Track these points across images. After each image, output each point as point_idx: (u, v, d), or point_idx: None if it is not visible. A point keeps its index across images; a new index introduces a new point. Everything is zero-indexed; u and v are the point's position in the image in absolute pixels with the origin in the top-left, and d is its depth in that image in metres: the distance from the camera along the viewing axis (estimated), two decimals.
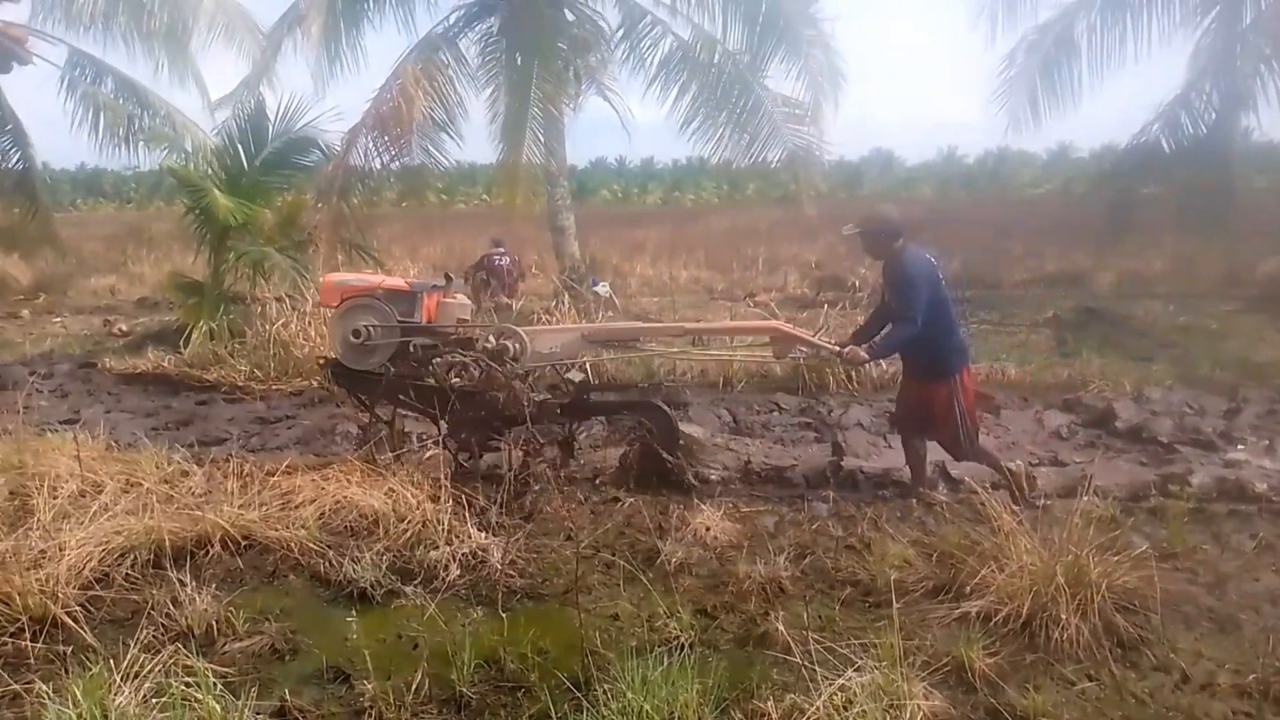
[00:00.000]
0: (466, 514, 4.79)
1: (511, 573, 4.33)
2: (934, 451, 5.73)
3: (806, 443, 7.15)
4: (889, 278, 5.51)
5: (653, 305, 14.52)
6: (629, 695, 2.94)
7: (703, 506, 5.05)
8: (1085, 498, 4.75)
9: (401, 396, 5.71)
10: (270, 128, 11.29)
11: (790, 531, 5.05)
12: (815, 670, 3.13)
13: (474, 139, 16.18)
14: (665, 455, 5.65)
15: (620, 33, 13.89)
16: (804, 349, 5.72)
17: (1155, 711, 3.23)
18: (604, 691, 3.04)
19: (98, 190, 52.33)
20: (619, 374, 9.11)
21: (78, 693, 2.86)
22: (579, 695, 3.10)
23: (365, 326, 5.57)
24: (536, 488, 5.41)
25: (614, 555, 4.52)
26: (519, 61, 12.78)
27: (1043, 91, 15.73)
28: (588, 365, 6.34)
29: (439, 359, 5.58)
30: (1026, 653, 3.56)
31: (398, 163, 13.00)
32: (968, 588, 3.98)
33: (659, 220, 33.39)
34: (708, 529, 4.82)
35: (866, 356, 5.53)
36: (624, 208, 50.08)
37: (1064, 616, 3.62)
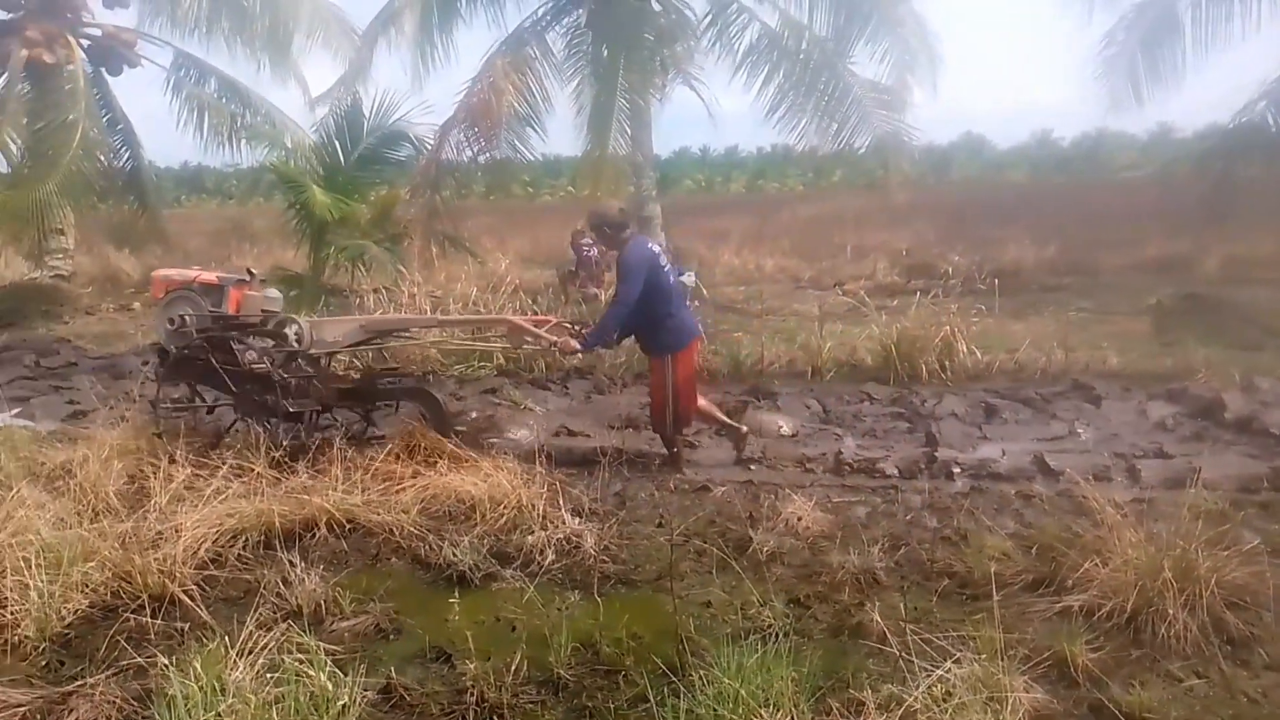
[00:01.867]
0: (561, 500, 4.88)
1: (605, 558, 4.40)
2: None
3: (899, 433, 7.07)
4: (616, 266, 5.98)
5: (739, 294, 14.46)
6: (725, 681, 2.97)
7: (794, 496, 5.04)
8: (1193, 490, 4.60)
9: (207, 376, 6.17)
10: (365, 124, 11.62)
11: (883, 523, 5.01)
12: (913, 661, 3.11)
13: (559, 132, 16.33)
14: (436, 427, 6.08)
15: (707, 20, 13.85)
16: (530, 340, 6.08)
17: (1268, 711, 3.12)
18: (699, 677, 3.07)
19: (200, 187, 54.24)
20: (705, 363, 9.15)
21: (198, 667, 3.00)
22: (674, 680, 3.14)
23: (181, 315, 6.18)
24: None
25: (705, 543, 4.55)
26: (605, 53, 12.86)
27: (1144, 70, 15.11)
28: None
29: (238, 345, 6.08)
30: (1131, 649, 3.48)
31: (486, 156, 13.23)
32: (1069, 581, 3.91)
33: (743, 209, 33.15)
34: (799, 519, 4.81)
35: (578, 346, 6.01)
36: (707, 197, 49.89)
37: (1171, 612, 3.52)
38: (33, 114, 13.92)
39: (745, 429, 6.41)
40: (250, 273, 6.71)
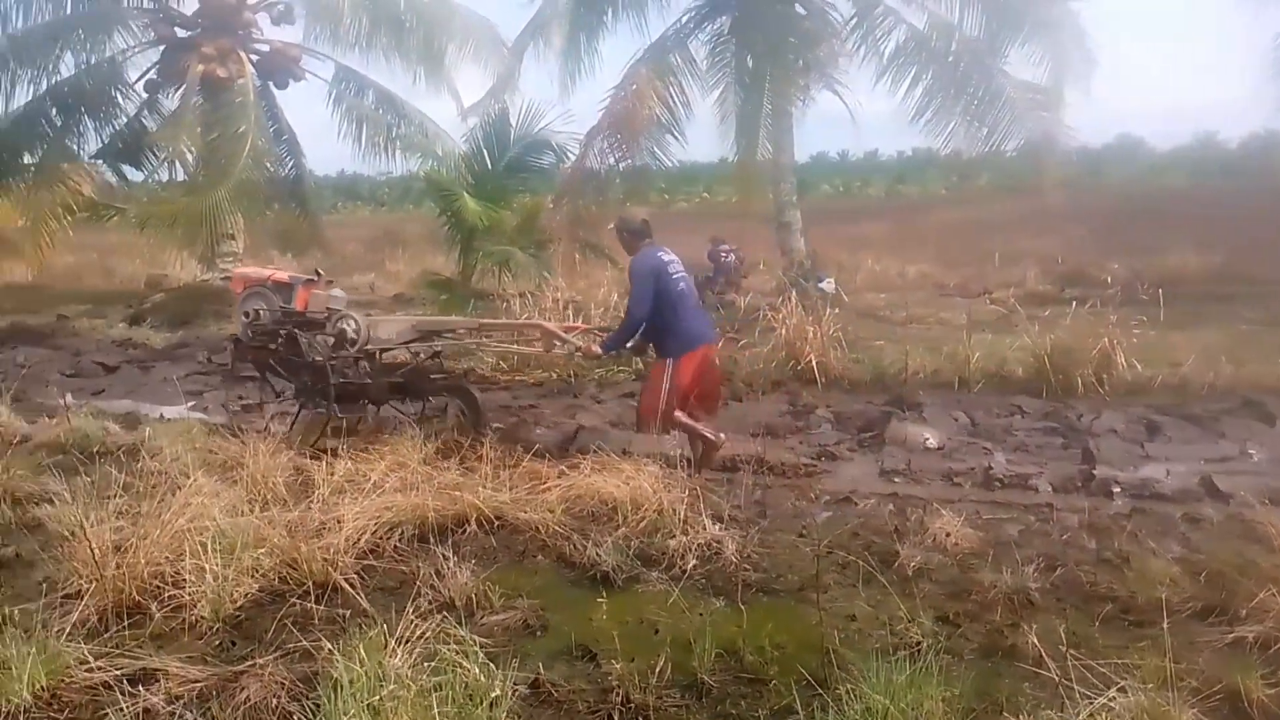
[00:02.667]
0: (701, 506, 4.89)
1: (747, 566, 4.39)
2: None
3: (1052, 449, 6.77)
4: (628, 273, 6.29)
5: (880, 302, 14.17)
6: (874, 697, 2.91)
7: (942, 511, 4.91)
8: None
9: (275, 365, 6.81)
10: (511, 133, 11.94)
11: (1037, 541, 4.82)
12: (1072, 688, 2.98)
13: (695, 138, 16.50)
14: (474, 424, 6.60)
15: (852, 23, 13.65)
16: (559, 343, 6.44)
17: None
18: (846, 692, 3.02)
19: (355, 195, 56.76)
20: (846, 372, 9.04)
21: (362, 653, 3.14)
22: (820, 692, 3.10)
23: (255, 309, 6.80)
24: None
25: (849, 555, 4.48)
26: (750, 59, 12.84)
27: None
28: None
29: (303, 338, 6.60)
30: None
31: (627, 163, 13.40)
32: (1242, 611, 3.68)
33: (883, 214, 32.48)
34: (948, 534, 4.67)
35: (599, 351, 6.36)
36: (846, 201, 49.01)
37: None
38: (206, 125, 14.88)
39: (721, 439, 6.26)
40: (318, 273, 7.25)
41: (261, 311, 6.81)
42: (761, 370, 9.27)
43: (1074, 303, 9.74)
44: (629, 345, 6.38)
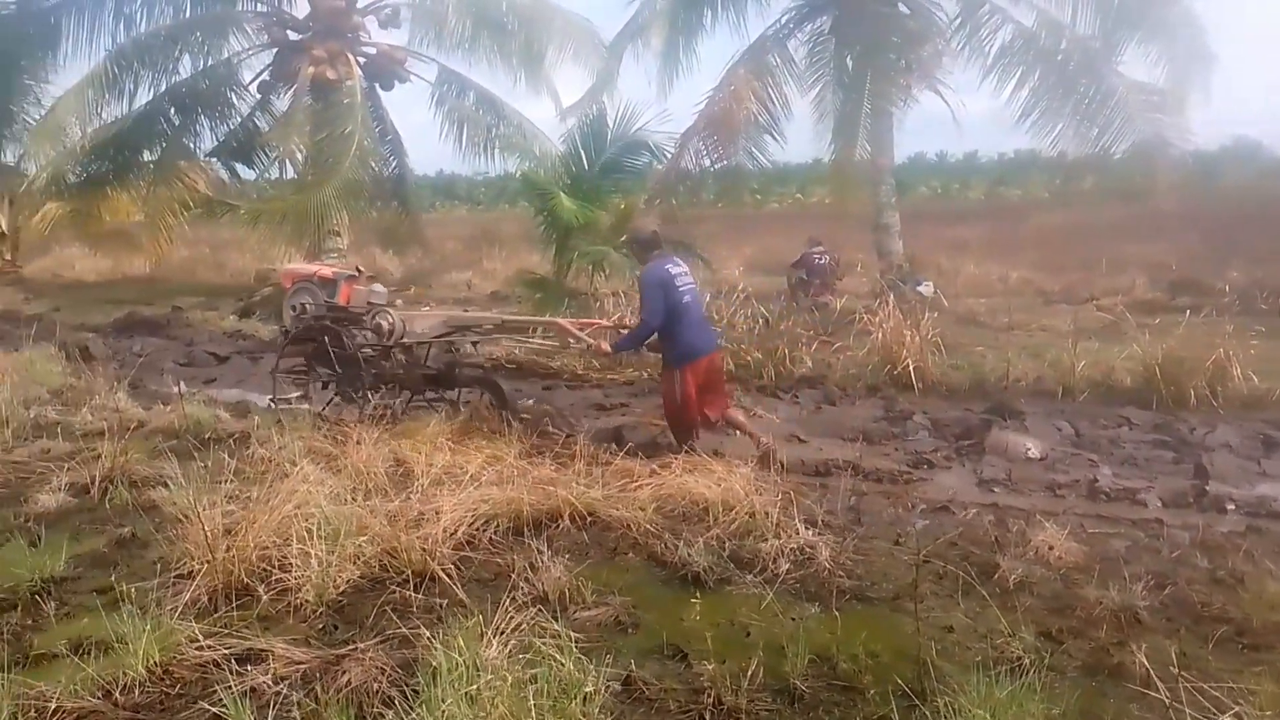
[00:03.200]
0: (794, 510, 4.85)
1: (840, 572, 4.33)
2: None
3: (1162, 463, 6.51)
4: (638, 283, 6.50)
5: (980, 307, 13.80)
6: (974, 712, 2.84)
7: (1045, 524, 4.76)
8: None
9: (317, 355, 7.17)
10: (608, 134, 12.04)
11: (1145, 558, 4.64)
12: (1183, 710, 2.86)
13: (788, 138, 16.26)
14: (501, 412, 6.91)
15: (957, 23, 13.34)
16: (573, 340, 6.71)
17: None
18: (944, 704, 2.96)
19: (453, 194, 57.99)
20: (944, 378, 8.86)
21: (461, 642, 3.20)
22: (916, 704, 3.04)
23: (302, 303, 7.21)
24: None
25: (947, 565, 4.38)
26: (849, 59, 12.68)
27: None
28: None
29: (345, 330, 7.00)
30: None
31: (723, 163, 13.37)
32: None
33: (982, 217, 31.68)
34: (1050, 548, 4.53)
35: (609, 350, 6.63)
36: (944, 204, 47.99)
37: None
38: (315, 126, 15.39)
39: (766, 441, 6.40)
40: (359, 270, 7.67)
41: (308, 305, 7.22)
42: (856, 374, 9.14)
43: (1187, 311, 9.36)
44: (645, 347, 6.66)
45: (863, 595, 4.16)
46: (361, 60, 17.09)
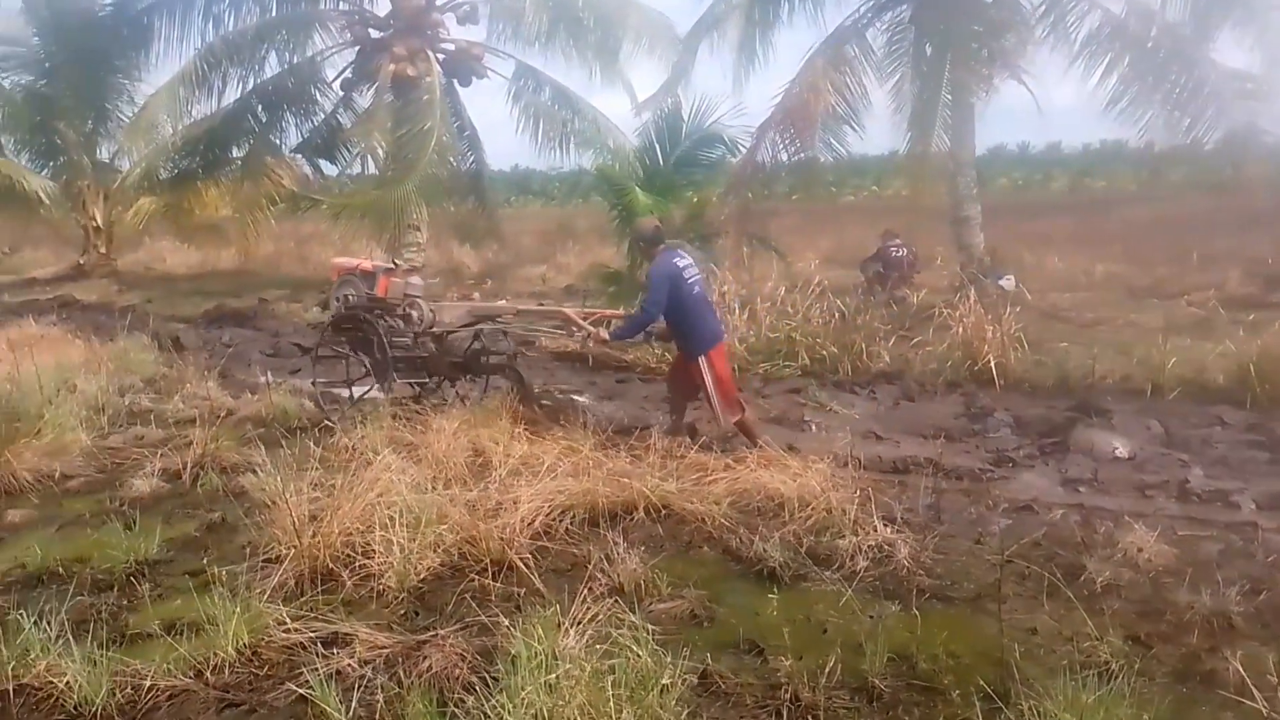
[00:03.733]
0: (872, 507, 4.79)
1: (920, 571, 4.26)
2: None
3: (1257, 464, 6.26)
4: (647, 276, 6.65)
5: (1065, 301, 13.40)
6: (1060, 716, 2.78)
7: (1134, 525, 4.62)
8: None
9: (355, 342, 7.72)
10: (683, 127, 12.02)
11: (1239, 562, 4.47)
12: None
13: (866, 130, 15.92)
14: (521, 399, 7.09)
15: (1041, 10, 12.98)
16: (575, 329, 6.87)
17: None
18: (1028, 708, 2.90)
19: (527, 189, 58.46)
20: (1027, 374, 8.66)
21: (540, 631, 3.23)
22: (1000, 706, 2.98)
23: (345, 294, 7.76)
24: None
25: (1030, 566, 4.27)
26: (929, 49, 12.43)
27: None
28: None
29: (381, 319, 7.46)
30: None
31: (799, 156, 13.23)
32: None
33: (1066, 210, 30.77)
34: (1139, 550, 4.40)
35: (606, 337, 6.70)
36: (1026, 196, 46.69)
37: None
38: (396, 122, 15.66)
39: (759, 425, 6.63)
40: (395, 263, 8.25)
41: (350, 296, 7.73)
42: (936, 370, 8.98)
43: None
44: (652, 336, 6.99)
45: (943, 595, 4.10)
46: (440, 57, 17.32)
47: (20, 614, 3.64)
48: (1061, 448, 6.63)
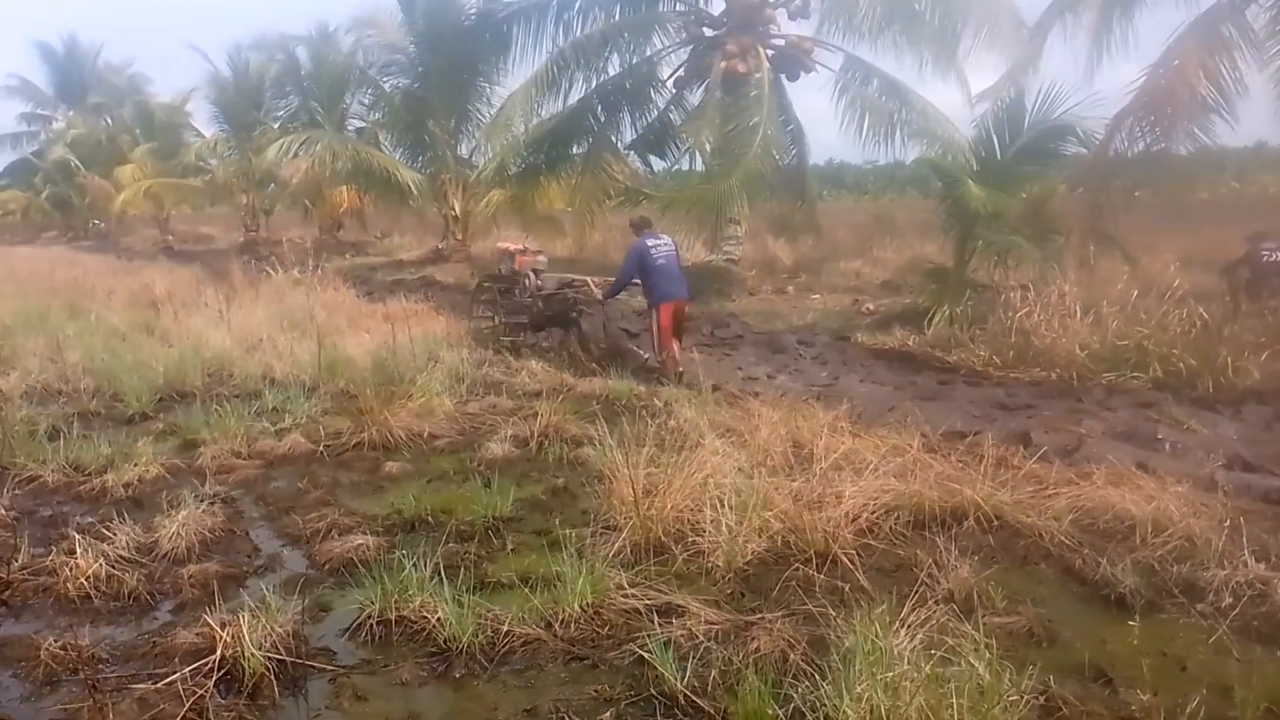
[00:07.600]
0: (1243, 539, 4.28)
1: None
2: None
3: None
4: None
5: None
6: None
7: None
8: None
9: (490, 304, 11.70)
10: (1026, 117, 11.32)
11: None
12: None
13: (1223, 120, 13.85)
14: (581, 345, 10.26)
15: None
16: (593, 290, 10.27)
17: None
18: None
19: (840, 183, 57.63)
20: None
21: (877, 628, 3.21)
22: None
23: (499, 268, 11.71)
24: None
25: None
26: None
27: None
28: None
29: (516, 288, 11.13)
30: None
31: (1161, 146, 11.97)
32: None
33: None
34: None
35: (600, 296, 10.03)
36: None
37: None
38: (724, 118, 16.02)
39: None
40: (526, 246, 11.84)
41: (501, 270, 11.47)
42: None
43: None
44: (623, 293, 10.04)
45: None
46: (770, 52, 17.47)
47: (400, 554, 4.18)
48: None
